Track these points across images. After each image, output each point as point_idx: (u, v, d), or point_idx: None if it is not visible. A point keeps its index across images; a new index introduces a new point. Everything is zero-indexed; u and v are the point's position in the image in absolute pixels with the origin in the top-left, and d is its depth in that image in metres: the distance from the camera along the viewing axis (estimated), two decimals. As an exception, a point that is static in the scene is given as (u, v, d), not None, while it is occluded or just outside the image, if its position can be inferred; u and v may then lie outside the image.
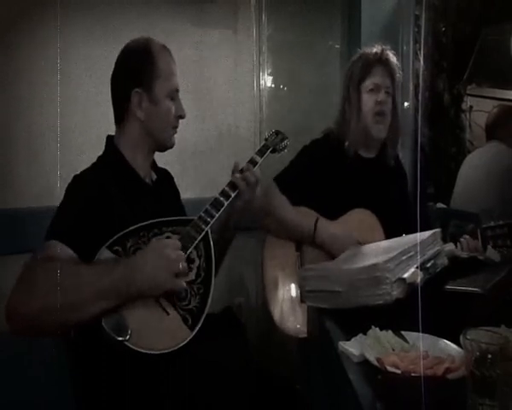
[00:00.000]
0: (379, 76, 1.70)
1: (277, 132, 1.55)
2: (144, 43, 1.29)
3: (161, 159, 1.44)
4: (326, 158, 1.73)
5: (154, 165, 1.40)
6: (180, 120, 1.35)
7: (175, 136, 1.35)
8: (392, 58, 1.72)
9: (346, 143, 1.72)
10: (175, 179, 1.52)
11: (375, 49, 1.72)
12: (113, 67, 1.31)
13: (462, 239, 1.48)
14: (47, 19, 1.85)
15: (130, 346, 1.02)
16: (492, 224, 1.44)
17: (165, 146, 1.35)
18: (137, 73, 1.26)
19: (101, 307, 1.02)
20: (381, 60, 1.70)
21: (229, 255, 1.53)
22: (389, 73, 1.71)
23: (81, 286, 1.02)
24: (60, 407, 1.51)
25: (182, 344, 1.05)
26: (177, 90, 1.33)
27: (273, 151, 1.51)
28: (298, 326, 1.58)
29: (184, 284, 1.10)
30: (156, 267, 1.05)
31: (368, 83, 1.70)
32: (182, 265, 1.09)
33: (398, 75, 1.74)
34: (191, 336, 1.07)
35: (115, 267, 1.05)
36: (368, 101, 1.70)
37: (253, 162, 1.41)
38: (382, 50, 1.71)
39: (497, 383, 0.64)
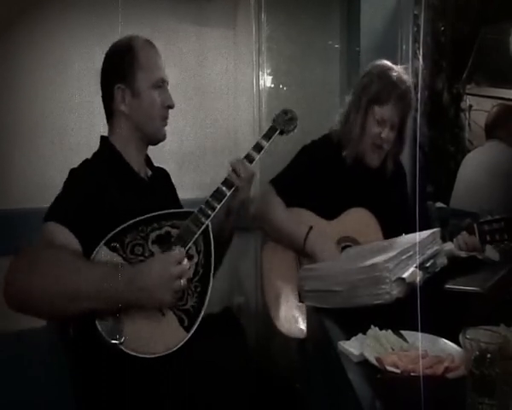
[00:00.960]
0: (390, 112, 1.62)
1: (286, 111, 1.48)
2: (126, 41, 1.30)
3: (161, 159, 1.44)
4: (325, 159, 1.72)
5: (148, 162, 1.40)
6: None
7: (166, 128, 1.34)
8: (411, 93, 1.64)
9: (344, 153, 1.70)
10: (174, 179, 1.52)
11: (398, 80, 1.62)
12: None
13: (458, 236, 1.45)
14: (47, 19, 1.85)
15: (124, 350, 1.02)
16: (489, 218, 1.42)
17: (155, 138, 1.34)
18: (119, 68, 1.27)
19: (97, 306, 1.02)
20: (399, 94, 1.62)
21: (229, 255, 1.53)
22: (401, 110, 1.64)
23: (81, 282, 1.02)
24: (60, 407, 1.51)
25: (177, 347, 1.05)
26: (164, 81, 1.31)
27: (281, 133, 1.45)
28: (297, 328, 1.57)
29: (178, 298, 1.09)
30: (156, 283, 1.05)
31: (377, 111, 1.63)
32: (183, 282, 1.08)
33: (411, 110, 1.66)
34: (187, 338, 1.07)
35: (117, 273, 1.04)
36: (371, 129, 1.65)
37: (258, 147, 1.39)
38: (406, 88, 1.62)
39: (497, 382, 0.64)
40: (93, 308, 1.03)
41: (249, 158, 1.37)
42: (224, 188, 1.28)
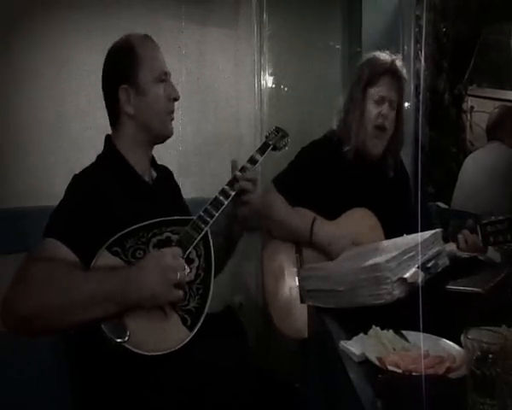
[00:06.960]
0: (386, 88, 1.66)
1: (278, 130, 1.52)
2: (124, 40, 1.29)
3: (162, 158, 1.44)
4: (325, 159, 1.72)
5: (153, 162, 1.40)
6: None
7: (173, 127, 1.32)
8: (402, 70, 1.68)
9: (346, 148, 1.71)
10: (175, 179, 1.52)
11: (385, 58, 1.68)
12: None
13: (459, 235, 1.44)
14: (47, 19, 1.85)
15: (129, 348, 1.02)
16: (493, 218, 1.40)
17: (162, 135, 1.32)
18: (121, 69, 1.26)
19: (97, 314, 1.01)
20: (391, 70, 1.66)
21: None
22: (396, 86, 1.68)
23: (77, 291, 1.02)
24: (60, 407, 1.51)
25: (180, 346, 1.05)
26: (166, 74, 1.30)
27: (274, 149, 1.49)
28: (298, 327, 1.57)
29: (182, 295, 1.09)
30: (153, 278, 1.05)
31: (373, 92, 1.67)
32: (180, 274, 1.08)
33: (405, 88, 1.70)
34: (190, 337, 1.07)
35: (113, 276, 1.04)
36: (371, 111, 1.67)
37: (253, 161, 1.40)
38: (393, 61, 1.67)
39: (498, 382, 0.64)
40: (92, 319, 1.02)
41: (244, 171, 1.37)
42: (221, 197, 1.29)
